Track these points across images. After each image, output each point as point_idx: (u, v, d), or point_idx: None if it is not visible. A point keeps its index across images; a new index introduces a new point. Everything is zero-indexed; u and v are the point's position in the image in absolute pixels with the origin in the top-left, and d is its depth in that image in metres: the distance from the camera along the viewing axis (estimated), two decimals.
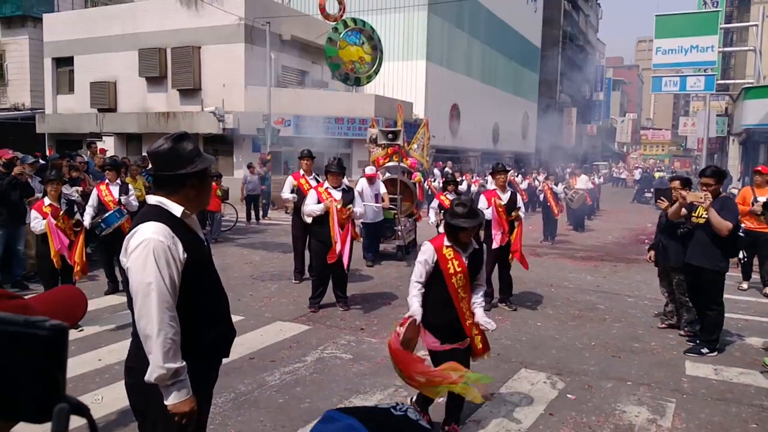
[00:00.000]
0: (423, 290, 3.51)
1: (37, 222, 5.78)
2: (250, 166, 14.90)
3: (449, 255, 3.44)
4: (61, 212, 5.83)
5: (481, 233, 6.91)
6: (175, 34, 18.78)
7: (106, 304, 6.55)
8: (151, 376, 1.98)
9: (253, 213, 14.61)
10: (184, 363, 2.02)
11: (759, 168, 8.19)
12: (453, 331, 3.52)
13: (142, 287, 1.99)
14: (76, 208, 6.53)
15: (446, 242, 3.47)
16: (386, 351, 5.19)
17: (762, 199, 7.16)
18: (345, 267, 6.34)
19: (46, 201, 5.92)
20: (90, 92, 20.57)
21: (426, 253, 3.50)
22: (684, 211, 5.43)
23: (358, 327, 5.95)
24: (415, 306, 3.44)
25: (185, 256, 2.07)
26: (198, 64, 18.72)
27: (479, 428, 3.81)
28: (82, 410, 0.56)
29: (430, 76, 25.32)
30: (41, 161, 8.81)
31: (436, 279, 3.47)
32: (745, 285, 8.03)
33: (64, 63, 21.67)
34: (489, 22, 31.72)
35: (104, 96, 20.34)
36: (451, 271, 3.43)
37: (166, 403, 2.01)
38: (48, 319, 0.55)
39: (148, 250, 2.00)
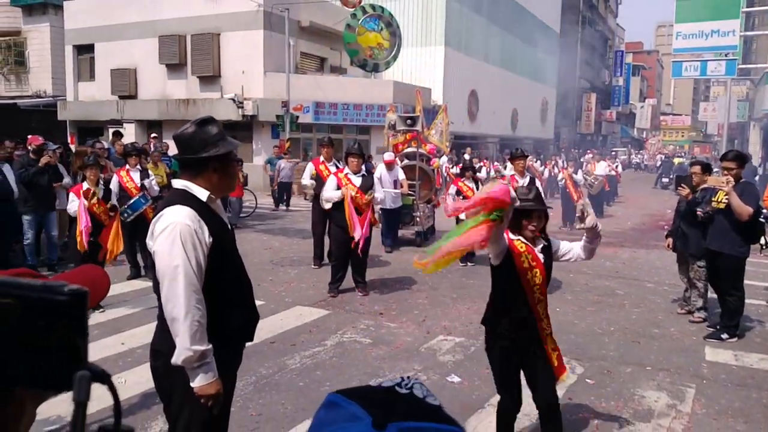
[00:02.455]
0: None
1: (73, 204, 5.91)
2: (286, 154, 15.00)
3: (521, 247, 2.89)
4: (98, 196, 5.94)
5: None
6: (195, 20, 18.85)
7: (128, 289, 6.67)
8: (178, 358, 1.98)
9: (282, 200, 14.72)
10: (211, 346, 2.03)
11: None
12: (529, 341, 2.97)
13: (169, 270, 2.00)
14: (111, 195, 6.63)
15: (513, 236, 2.93)
16: (405, 336, 5.29)
17: None
18: (361, 250, 6.37)
19: (85, 185, 6.03)
20: (111, 79, 20.79)
21: None
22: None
23: (377, 312, 6.02)
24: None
25: (211, 240, 2.08)
26: (217, 50, 18.81)
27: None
28: (104, 378, 0.54)
29: (449, 62, 25.10)
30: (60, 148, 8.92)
31: (506, 276, 2.92)
32: None
33: (85, 50, 21.87)
34: (507, 6, 31.23)
35: (125, 83, 20.54)
36: (526, 265, 2.86)
37: (192, 385, 2.02)
38: (66, 283, 0.54)
39: (175, 234, 2.00)
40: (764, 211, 5.57)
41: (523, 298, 2.90)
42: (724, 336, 5.29)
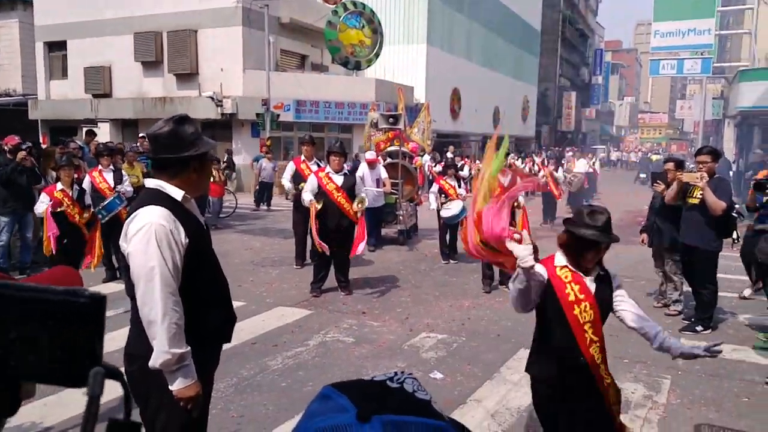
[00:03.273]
0: None
1: (41, 205, 5.82)
2: (268, 153, 14.88)
3: (566, 277, 2.43)
4: (70, 200, 5.87)
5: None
6: (171, 17, 18.56)
7: (105, 292, 6.48)
8: (156, 361, 1.95)
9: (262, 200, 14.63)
10: (189, 348, 2.01)
11: None
12: (582, 391, 2.45)
13: (144, 272, 1.96)
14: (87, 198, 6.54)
15: (559, 261, 2.49)
16: (388, 334, 5.30)
17: None
18: (354, 254, 6.55)
19: (59, 186, 5.95)
20: (84, 77, 20.35)
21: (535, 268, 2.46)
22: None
23: (360, 311, 6.02)
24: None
25: (187, 240, 2.05)
26: (195, 48, 18.54)
27: (480, 406, 3.89)
28: (117, 375, 0.59)
29: (431, 60, 25.16)
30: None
31: (549, 312, 2.47)
32: (747, 291, 6.74)
33: (56, 47, 21.34)
34: (489, 5, 31.42)
35: (99, 81, 20.11)
36: (572, 298, 2.39)
37: (171, 388, 1.99)
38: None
39: (150, 235, 1.96)
40: (737, 206, 5.70)
41: (571, 339, 2.39)
42: (699, 328, 5.42)
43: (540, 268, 2.44)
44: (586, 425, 2.47)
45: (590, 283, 2.45)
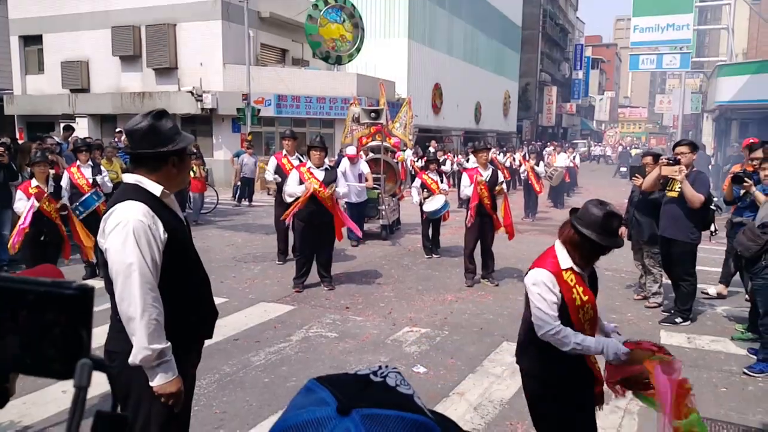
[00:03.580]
0: None
1: (20, 203, 5.71)
2: (250, 148, 14.76)
3: (572, 280, 2.40)
4: (46, 194, 5.76)
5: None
6: (150, 11, 18.27)
7: None
8: (135, 357, 1.94)
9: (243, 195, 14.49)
10: (169, 344, 2.00)
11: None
12: (579, 380, 2.48)
13: (123, 268, 1.94)
14: (63, 192, 6.42)
15: (564, 263, 2.43)
16: (371, 329, 5.30)
17: None
18: (341, 238, 6.61)
19: (33, 182, 5.84)
20: (61, 72, 19.97)
21: (546, 283, 2.39)
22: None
23: (343, 306, 6.01)
24: (597, 339, 2.40)
25: (165, 236, 2.04)
26: (174, 42, 18.28)
27: (463, 399, 3.91)
28: (104, 367, 0.59)
29: (412, 55, 25.15)
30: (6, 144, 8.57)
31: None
32: (711, 290, 6.51)
33: (32, 41, 20.92)
34: (470, 0, 31.52)
35: (76, 76, 19.75)
36: (578, 302, 2.39)
37: (151, 384, 1.98)
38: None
39: (128, 230, 1.95)
40: (715, 199, 5.80)
41: None
42: (678, 320, 5.51)
43: (552, 284, 2.40)
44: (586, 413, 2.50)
45: (587, 283, 2.48)
